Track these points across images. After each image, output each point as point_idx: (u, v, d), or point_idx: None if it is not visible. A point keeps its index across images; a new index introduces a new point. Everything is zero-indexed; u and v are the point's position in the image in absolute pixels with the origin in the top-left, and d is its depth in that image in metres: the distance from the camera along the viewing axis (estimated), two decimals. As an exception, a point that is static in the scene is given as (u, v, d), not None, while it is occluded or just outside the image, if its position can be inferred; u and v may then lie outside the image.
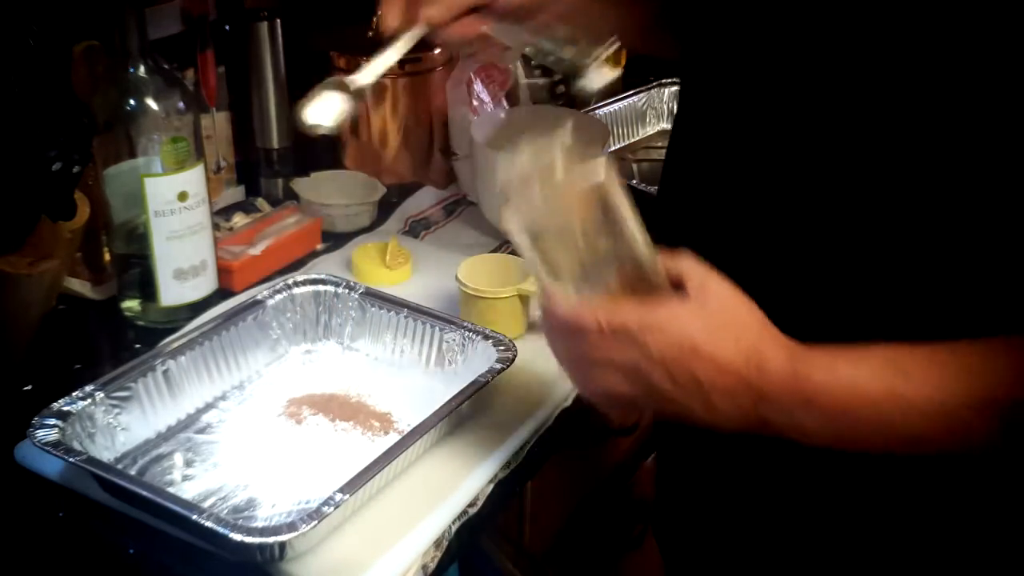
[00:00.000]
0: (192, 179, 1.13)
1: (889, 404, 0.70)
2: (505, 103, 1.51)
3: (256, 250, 1.27)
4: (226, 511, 0.91)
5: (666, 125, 1.78)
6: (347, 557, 0.87)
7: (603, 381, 0.76)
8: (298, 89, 1.45)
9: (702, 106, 0.87)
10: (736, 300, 0.74)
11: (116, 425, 0.97)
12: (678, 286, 0.75)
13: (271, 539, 0.82)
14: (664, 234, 0.80)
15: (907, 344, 0.70)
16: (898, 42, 0.70)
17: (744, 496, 0.89)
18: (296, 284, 1.14)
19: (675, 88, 1.76)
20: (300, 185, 1.42)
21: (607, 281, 0.78)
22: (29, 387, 1.08)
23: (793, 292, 0.77)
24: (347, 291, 1.13)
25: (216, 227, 1.25)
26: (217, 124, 1.39)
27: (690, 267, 0.75)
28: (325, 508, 0.83)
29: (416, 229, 1.42)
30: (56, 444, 0.89)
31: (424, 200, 1.48)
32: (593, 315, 0.74)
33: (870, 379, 0.70)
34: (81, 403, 0.94)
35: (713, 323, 0.73)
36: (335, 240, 1.38)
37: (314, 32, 1.50)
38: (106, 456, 0.95)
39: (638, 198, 0.80)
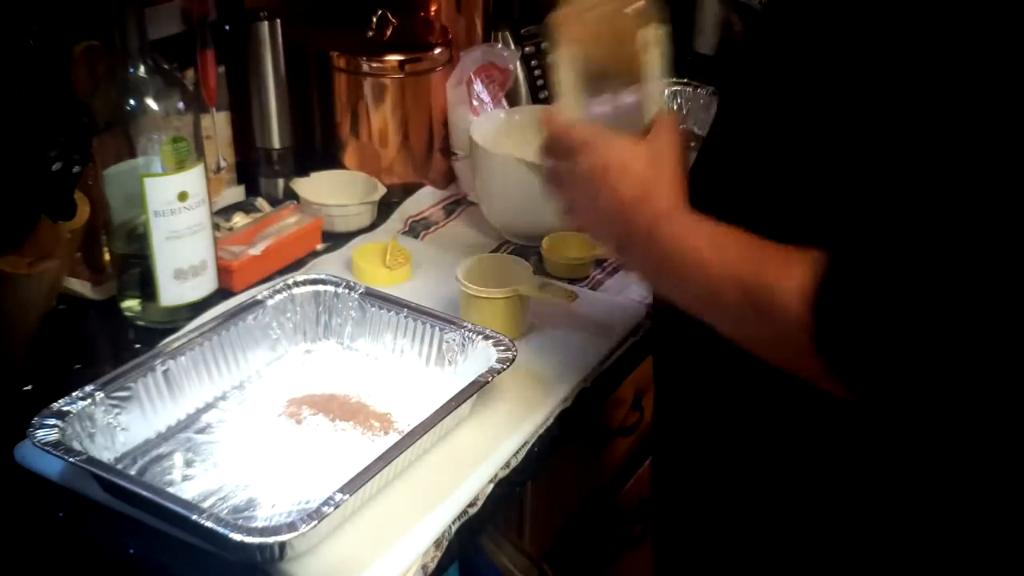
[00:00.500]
0: (192, 179, 1.13)
1: (690, 259, 0.79)
2: (505, 103, 1.52)
3: (256, 250, 1.27)
4: (226, 511, 0.91)
5: (666, 125, 1.77)
6: (347, 557, 0.87)
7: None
8: (298, 89, 1.47)
9: (731, 109, 0.88)
10: (671, 154, 0.85)
11: (116, 425, 0.97)
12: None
13: (271, 539, 0.82)
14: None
15: (743, 229, 0.78)
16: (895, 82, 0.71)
17: (739, 500, 0.89)
18: (296, 284, 1.14)
19: (675, 88, 1.76)
20: (300, 185, 1.42)
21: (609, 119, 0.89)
22: (29, 387, 1.08)
23: None
24: (347, 291, 1.13)
25: (216, 227, 1.24)
26: (217, 124, 1.39)
27: (661, 120, 0.87)
28: (325, 508, 0.83)
29: (416, 229, 1.42)
30: (56, 444, 0.89)
31: (424, 200, 1.48)
32: (558, 126, 0.88)
33: (695, 239, 0.80)
34: (81, 403, 0.94)
35: (633, 160, 0.84)
36: (335, 240, 1.38)
37: (314, 32, 1.50)
38: (106, 456, 0.95)
39: None
